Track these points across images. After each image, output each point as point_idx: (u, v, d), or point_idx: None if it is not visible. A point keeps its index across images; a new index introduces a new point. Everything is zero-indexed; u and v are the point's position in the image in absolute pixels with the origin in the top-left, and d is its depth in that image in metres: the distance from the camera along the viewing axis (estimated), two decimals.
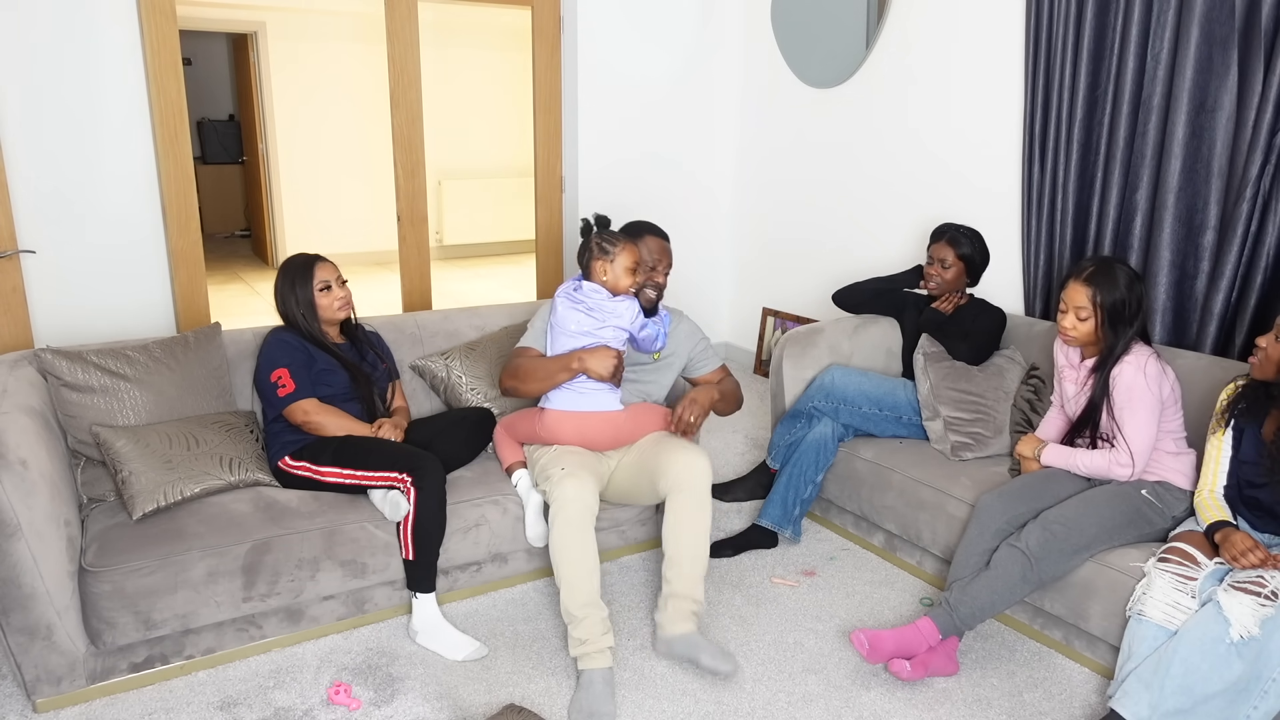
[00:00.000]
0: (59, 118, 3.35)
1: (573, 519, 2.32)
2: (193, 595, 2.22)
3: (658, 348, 2.61)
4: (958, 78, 3.73)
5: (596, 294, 2.50)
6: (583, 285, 2.53)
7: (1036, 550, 2.29)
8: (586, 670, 2.26)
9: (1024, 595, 2.34)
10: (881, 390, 3.05)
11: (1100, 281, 2.40)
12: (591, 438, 2.56)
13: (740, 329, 5.29)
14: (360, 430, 2.54)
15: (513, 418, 2.71)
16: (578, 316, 2.50)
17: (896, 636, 2.33)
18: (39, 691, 2.16)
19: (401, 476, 2.40)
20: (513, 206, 8.49)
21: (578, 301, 2.51)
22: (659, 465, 2.48)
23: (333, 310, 2.63)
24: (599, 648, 2.27)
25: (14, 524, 1.99)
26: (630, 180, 4.78)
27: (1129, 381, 2.38)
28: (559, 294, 2.56)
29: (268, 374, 2.52)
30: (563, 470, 2.40)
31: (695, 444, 2.59)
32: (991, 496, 2.47)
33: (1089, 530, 2.30)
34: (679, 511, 2.43)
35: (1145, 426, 2.37)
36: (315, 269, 2.62)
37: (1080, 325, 2.44)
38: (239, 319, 6.07)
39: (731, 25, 4.90)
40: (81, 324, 3.52)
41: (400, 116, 4.06)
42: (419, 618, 2.47)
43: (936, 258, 3.13)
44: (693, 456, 2.46)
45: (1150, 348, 2.43)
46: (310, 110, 7.77)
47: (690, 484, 2.43)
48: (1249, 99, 2.70)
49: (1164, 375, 2.40)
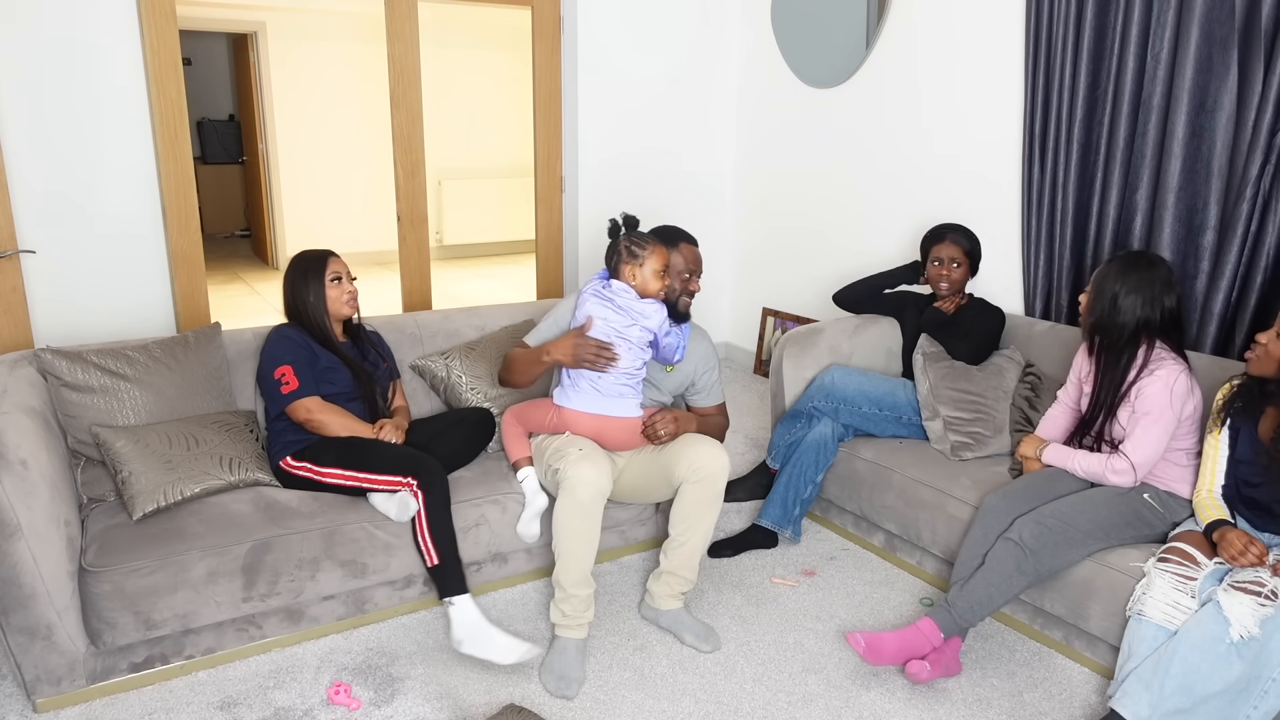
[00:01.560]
0: (59, 118, 3.35)
1: (584, 500, 2.34)
2: (193, 595, 2.22)
3: (676, 360, 2.60)
4: (958, 78, 3.73)
5: (626, 293, 2.50)
6: (611, 283, 2.52)
7: (1031, 542, 2.28)
8: (562, 637, 2.38)
9: (1021, 589, 2.32)
10: (881, 390, 3.05)
11: (1112, 265, 2.39)
12: (607, 439, 2.56)
13: (740, 329, 5.29)
14: (362, 430, 2.54)
15: (523, 406, 2.68)
16: (605, 313, 2.49)
17: (898, 638, 2.32)
18: (39, 691, 2.16)
19: (406, 480, 2.40)
20: (513, 206, 8.50)
21: (606, 299, 2.50)
22: (677, 455, 2.49)
23: (340, 303, 2.63)
24: (580, 621, 2.39)
25: (14, 524, 1.99)
26: (630, 180, 4.78)
27: (1154, 396, 2.33)
28: (587, 291, 2.55)
29: (271, 371, 2.51)
30: (580, 451, 2.41)
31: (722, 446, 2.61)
32: (996, 497, 2.46)
33: (1084, 525, 2.30)
34: (693, 498, 2.46)
35: (1155, 442, 2.34)
36: (328, 261, 2.64)
37: (1084, 301, 2.44)
38: (239, 319, 6.08)
39: (731, 25, 4.90)
40: (81, 324, 3.52)
41: (400, 116, 4.06)
42: (460, 625, 2.34)
43: (945, 258, 3.12)
44: (715, 450, 2.48)
45: (1184, 363, 2.38)
46: (310, 110, 7.78)
47: (709, 475, 2.45)
48: (1249, 99, 2.70)
49: (1190, 395, 2.35)
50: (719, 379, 2.79)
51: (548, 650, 2.41)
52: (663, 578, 2.54)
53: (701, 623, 2.53)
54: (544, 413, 2.60)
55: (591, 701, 2.27)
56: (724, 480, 2.48)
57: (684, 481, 2.47)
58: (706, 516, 2.49)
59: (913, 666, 2.28)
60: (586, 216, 4.67)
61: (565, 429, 2.56)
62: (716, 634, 2.52)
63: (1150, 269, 2.36)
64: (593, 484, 2.35)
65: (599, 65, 4.53)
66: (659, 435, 2.52)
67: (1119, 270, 2.39)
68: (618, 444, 2.59)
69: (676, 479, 2.48)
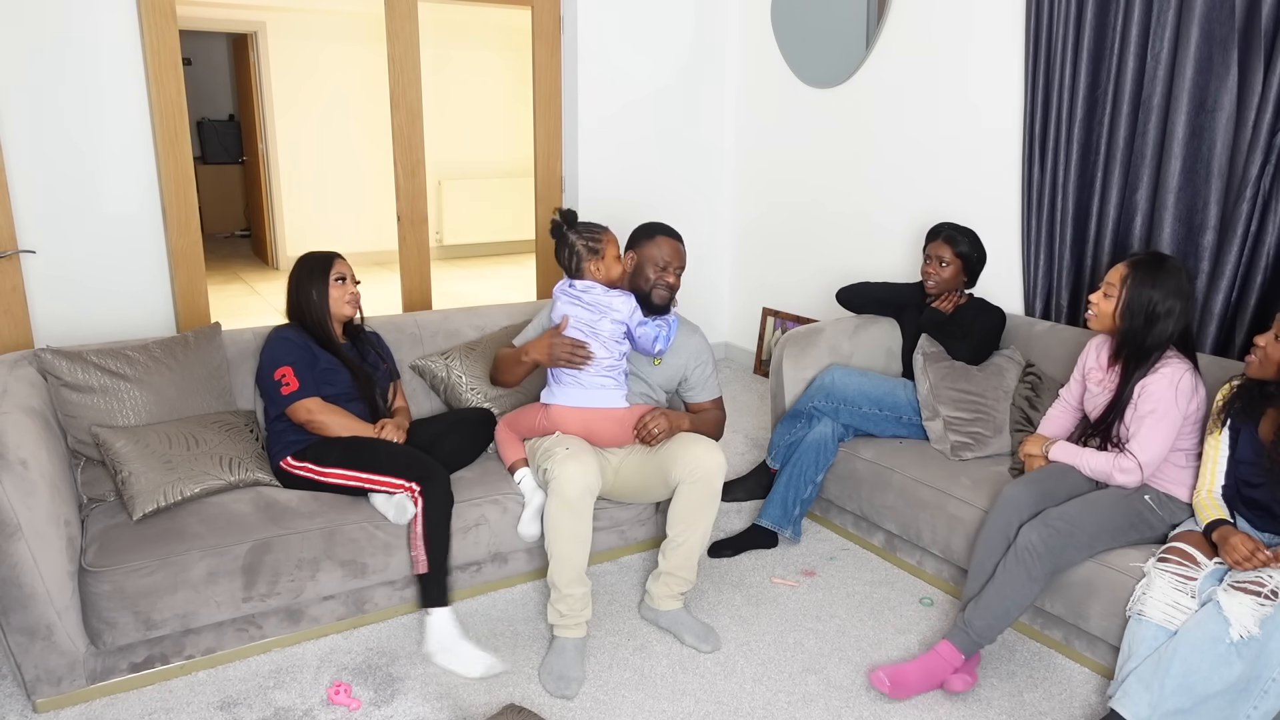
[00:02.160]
0: (59, 118, 3.35)
1: (571, 499, 2.35)
2: (193, 595, 2.22)
3: (657, 350, 2.60)
4: (958, 78, 3.73)
5: (591, 289, 2.54)
6: (575, 283, 2.57)
7: (1039, 546, 2.27)
8: (561, 637, 2.39)
9: (1034, 597, 2.29)
10: (881, 390, 3.05)
11: (1142, 271, 2.35)
12: (596, 432, 2.58)
13: (740, 329, 5.29)
14: (363, 430, 2.54)
15: (514, 415, 2.72)
16: (576, 311, 2.55)
17: (920, 668, 2.29)
18: (39, 691, 2.16)
19: (410, 485, 2.40)
20: (513, 206, 8.50)
21: (575, 297, 2.56)
22: (673, 456, 2.50)
23: (342, 304, 2.64)
24: (577, 620, 2.40)
25: (14, 524, 1.99)
26: (630, 180, 4.78)
27: (1158, 393, 2.32)
28: (558, 292, 2.60)
29: (271, 372, 2.52)
30: (567, 450, 2.42)
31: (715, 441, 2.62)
32: (1013, 487, 2.42)
33: (1090, 528, 2.29)
34: (690, 498, 2.47)
35: (1162, 440, 2.33)
36: (334, 262, 2.66)
37: (1102, 303, 2.41)
38: (239, 319, 6.08)
39: (731, 25, 4.90)
40: (81, 324, 3.52)
41: (400, 116, 4.06)
42: (434, 637, 2.38)
43: (934, 256, 3.13)
44: (711, 450, 2.49)
45: (1188, 362, 2.36)
46: (310, 110, 7.77)
47: (706, 475, 2.46)
48: (1249, 99, 2.70)
49: (1195, 393, 2.34)
50: (714, 373, 2.79)
51: (547, 651, 2.41)
52: (662, 578, 2.55)
53: (701, 623, 2.54)
54: (533, 416, 2.64)
55: (591, 701, 2.27)
56: (720, 479, 2.49)
57: (681, 482, 2.48)
58: (704, 517, 2.49)
59: (953, 684, 2.28)
60: (586, 216, 4.63)
61: (555, 428, 2.58)
62: (716, 634, 2.52)
63: (1178, 275, 2.32)
64: (579, 482, 2.35)
65: (599, 65, 4.53)
66: (652, 434, 2.52)
67: (1148, 277, 2.33)
68: (608, 438, 2.60)
69: (673, 480, 2.49)
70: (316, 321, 2.61)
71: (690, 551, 2.51)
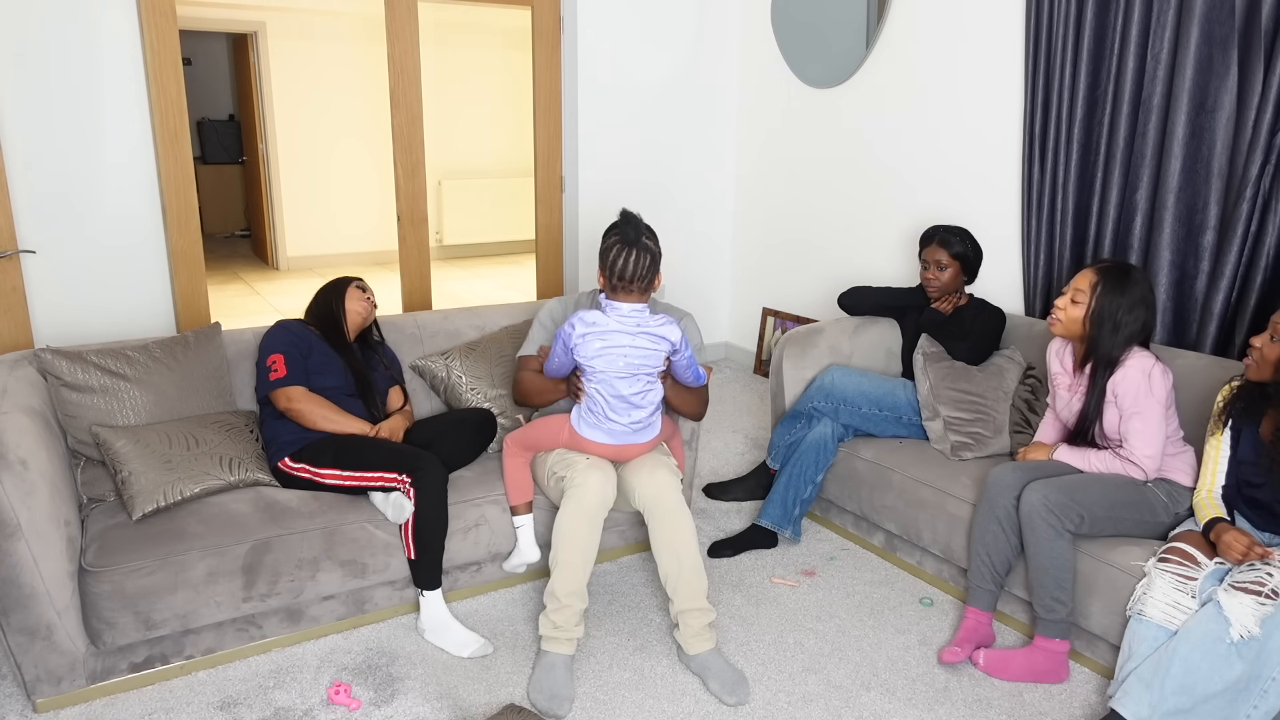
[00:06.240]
0: (59, 118, 3.35)
1: (588, 508, 2.33)
2: (193, 595, 2.22)
3: (689, 379, 2.51)
4: (958, 78, 3.73)
5: (640, 313, 2.35)
6: (620, 306, 2.35)
7: (1040, 506, 2.30)
8: (550, 653, 2.31)
9: (1067, 552, 2.30)
10: (881, 390, 3.05)
11: (1112, 280, 2.39)
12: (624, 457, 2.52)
13: (740, 329, 5.29)
14: (346, 423, 2.55)
15: (528, 430, 2.58)
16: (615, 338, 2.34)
17: (1026, 663, 2.36)
18: (39, 691, 2.16)
19: (401, 477, 2.40)
20: (513, 206, 8.50)
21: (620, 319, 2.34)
22: (629, 482, 2.45)
23: (356, 310, 2.77)
24: (569, 636, 2.33)
25: (14, 524, 1.99)
26: (630, 180, 4.78)
27: (1135, 385, 2.36)
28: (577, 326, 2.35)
29: (264, 357, 2.60)
30: (588, 461, 2.41)
31: (663, 456, 2.52)
32: (1001, 469, 2.47)
33: (1092, 493, 2.32)
34: (657, 531, 2.39)
35: (1156, 430, 2.36)
36: (360, 280, 2.87)
37: (1070, 309, 2.44)
38: (239, 319, 6.08)
39: (731, 25, 4.90)
40: (81, 324, 3.52)
41: (400, 116, 4.06)
42: (426, 615, 2.49)
43: (931, 261, 3.12)
44: (657, 474, 2.41)
45: (1149, 351, 2.42)
46: (310, 110, 7.77)
47: (658, 503, 2.38)
48: (1249, 99, 2.70)
49: (1165, 376, 2.39)
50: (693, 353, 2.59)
51: (535, 667, 2.33)
52: (680, 619, 2.37)
53: (732, 668, 2.33)
54: (553, 432, 2.52)
55: (591, 701, 2.27)
56: (676, 497, 2.39)
57: (644, 514, 2.42)
58: (680, 537, 2.37)
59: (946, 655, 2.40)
60: (586, 216, 4.67)
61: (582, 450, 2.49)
62: (746, 683, 2.30)
63: (1144, 284, 2.39)
64: (599, 491, 2.34)
65: (599, 65, 4.53)
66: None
67: (1117, 286, 2.38)
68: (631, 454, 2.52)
69: (635, 507, 2.47)
70: (329, 317, 2.71)
71: (690, 578, 2.36)
